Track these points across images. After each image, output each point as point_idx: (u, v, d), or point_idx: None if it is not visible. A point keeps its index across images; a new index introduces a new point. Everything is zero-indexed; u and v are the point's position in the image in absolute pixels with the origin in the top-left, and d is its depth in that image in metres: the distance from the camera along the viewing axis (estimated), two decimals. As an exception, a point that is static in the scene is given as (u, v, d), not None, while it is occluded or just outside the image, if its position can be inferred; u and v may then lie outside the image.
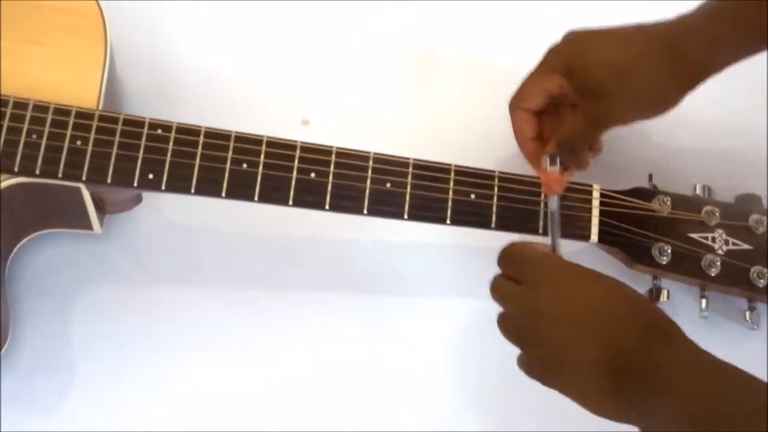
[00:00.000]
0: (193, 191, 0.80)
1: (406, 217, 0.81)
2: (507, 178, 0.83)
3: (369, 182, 0.81)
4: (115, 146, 0.80)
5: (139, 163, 0.80)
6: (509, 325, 0.72)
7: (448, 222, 0.82)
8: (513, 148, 0.88)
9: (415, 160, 0.82)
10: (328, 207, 0.81)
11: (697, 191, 0.85)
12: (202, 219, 0.90)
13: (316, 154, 0.81)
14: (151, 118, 0.81)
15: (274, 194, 0.81)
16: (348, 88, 0.96)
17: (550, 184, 0.80)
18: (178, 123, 0.81)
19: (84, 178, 0.80)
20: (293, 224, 0.90)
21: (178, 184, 0.80)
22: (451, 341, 0.88)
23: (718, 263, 0.82)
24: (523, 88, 0.87)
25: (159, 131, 0.81)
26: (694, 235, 0.83)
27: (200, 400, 0.86)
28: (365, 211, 0.81)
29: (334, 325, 0.88)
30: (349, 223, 0.87)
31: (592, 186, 0.83)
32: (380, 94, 0.96)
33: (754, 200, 0.85)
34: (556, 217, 0.80)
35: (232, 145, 0.81)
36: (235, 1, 0.98)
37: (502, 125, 0.89)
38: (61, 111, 0.80)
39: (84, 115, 0.80)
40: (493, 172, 0.83)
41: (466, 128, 0.94)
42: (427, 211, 0.82)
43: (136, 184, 0.80)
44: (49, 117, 0.80)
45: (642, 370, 0.64)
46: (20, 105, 0.80)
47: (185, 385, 0.86)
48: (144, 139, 0.80)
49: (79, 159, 0.80)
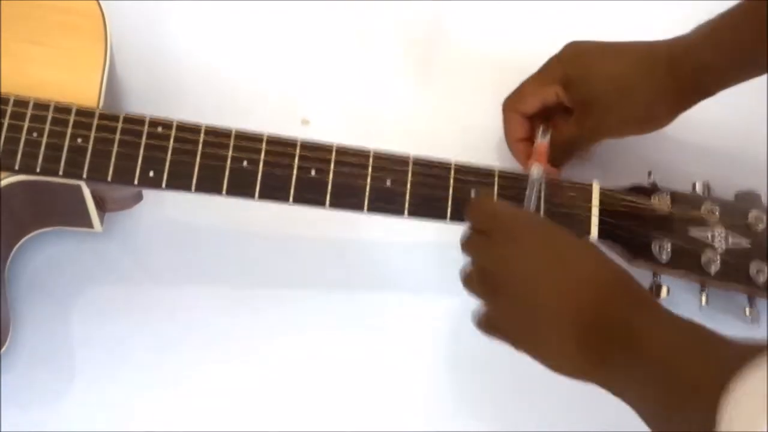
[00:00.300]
0: (193, 189, 0.80)
1: (407, 214, 0.82)
2: (507, 176, 0.83)
3: (369, 179, 0.81)
4: (116, 144, 0.80)
5: (140, 161, 0.80)
6: (478, 279, 0.71)
7: (448, 219, 0.82)
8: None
9: (415, 157, 0.82)
10: (328, 204, 0.81)
11: (697, 188, 0.86)
12: (202, 217, 0.90)
13: (316, 152, 0.81)
14: (152, 116, 0.81)
15: (275, 192, 0.81)
16: (348, 88, 0.96)
17: (538, 154, 0.82)
18: (179, 121, 0.81)
19: (85, 176, 0.80)
20: (294, 222, 0.90)
21: (179, 182, 0.80)
22: (447, 339, 0.88)
23: (718, 260, 0.82)
24: (520, 92, 0.88)
25: (159, 129, 0.81)
26: (694, 232, 0.83)
27: (201, 398, 0.86)
28: (365, 209, 0.81)
29: (335, 324, 0.88)
30: (349, 222, 0.87)
31: (591, 183, 0.84)
32: (380, 94, 0.96)
33: (754, 197, 0.85)
34: (535, 186, 0.81)
35: (232, 142, 0.81)
36: (234, 1, 0.98)
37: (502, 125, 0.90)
38: (62, 109, 0.80)
39: (84, 114, 0.81)
40: (493, 168, 0.83)
41: (467, 128, 0.94)
42: (427, 208, 0.82)
43: (136, 182, 0.80)
44: (50, 115, 0.80)
45: (612, 328, 0.65)
46: (21, 103, 0.80)
47: (186, 384, 0.86)
48: (144, 137, 0.80)
49: (80, 157, 0.80)
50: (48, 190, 0.81)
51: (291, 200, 0.81)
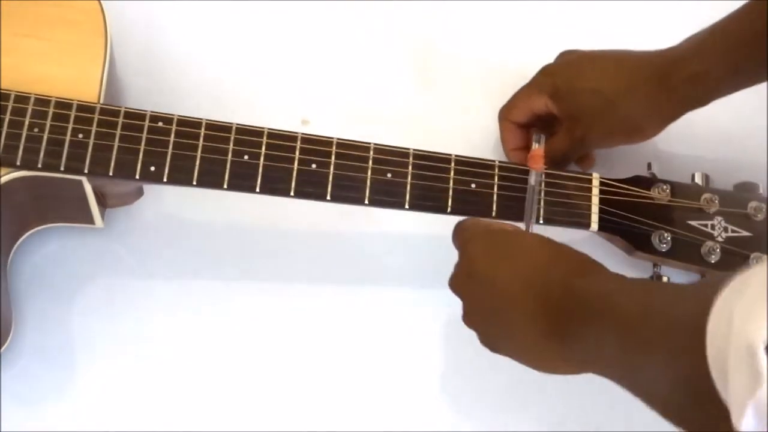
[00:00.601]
0: (194, 183, 0.80)
1: (407, 206, 0.82)
2: (507, 168, 0.83)
3: (370, 173, 0.82)
4: (117, 139, 0.80)
5: (141, 155, 0.80)
6: (456, 278, 0.75)
7: (449, 211, 0.82)
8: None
9: (415, 150, 0.82)
10: (329, 198, 0.81)
11: (696, 179, 0.86)
12: (203, 212, 0.90)
13: (317, 145, 0.82)
14: (153, 111, 0.81)
15: (276, 185, 0.81)
16: (348, 89, 0.96)
17: (534, 160, 0.83)
18: (179, 116, 0.81)
19: (86, 171, 0.80)
20: (295, 218, 0.90)
21: (180, 176, 0.80)
22: (446, 335, 0.88)
23: (718, 250, 0.82)
24: (511, 102, 0.90)
25: (160, 124, 0.81)
26: (694, 223, 0.83)
27: (201, 393, 0.86)
28: (366, 202, 0.81)
29: (336, 320, 0.89)
30: (350, 216, 0.87)
31: (591, 174, 0.84)
32: (380, 95, 0.96)
33: (753, 188, 0.86)
34: (534, 191, 0.81)
35: (233, 137, 0.81)
36: (235, 0, 0.98)
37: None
38: (63, 104, 0.80)
39: (85, 109, 0.81)
40: (493, 161, 0.83)
41: (467, 129, 0.94)
42: (428, 200, 0.82)
43: (138, 177, 0.80)
44: (51, 110, 0.80)
45: (569, 303, 0.66)
46: (22, 99, 0.80)
47: (187, 379, 0.86)
48: (145, 131, 0.80)
49: (81, 152, 0.80)
50: (49, 185, 0.81)
51: (292, 194, 0.81)
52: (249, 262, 0.90)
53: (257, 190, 0.81)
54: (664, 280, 0.84)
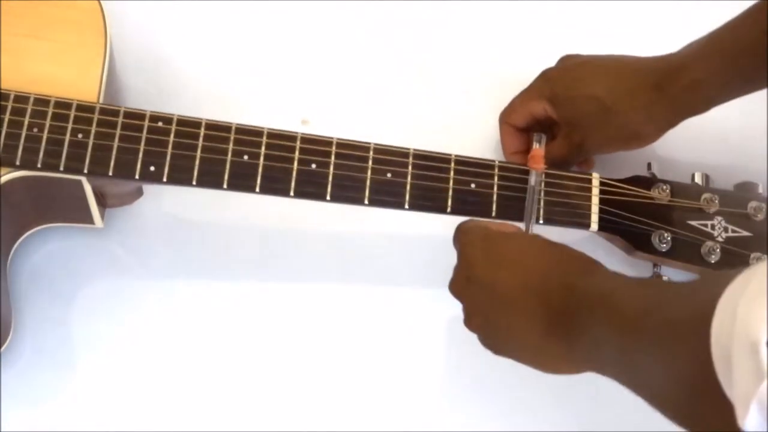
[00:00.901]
0: (194, 183, 0.80)
1: (407, 206, 0.82)
2: (507, 167, 0.83)
3: (370, 173, 0.82)
4: (117, 139, 0.80)
5: (141, 155, 0.80)
6: (455, 282, 0.76)
7: (449, 211, 0.82)
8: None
9: (415, 150, 0.82)
10: (329, 197, 0.81)
11: (696, 179, 0.86)
12: (202, 212, 0.90)
13: (316, 145, 0.82)
14: (152, 111, 0.81)
15: (276, 185, 0.81)
16: (348, 89, 0.96)
17: (534, 161, 0.83)
18: (179, 115, 0.81)
19: (86, 171, 0.80)
20: (294, 218, 0.90)
21: (180, 176, 0.80)
22: (448, 334, 0.88)
23: (718, 250, 0.82)
24: (510, 106, 0.90)
25: (160, 124, 0.81)
26: (694, 223, 0.83)
27: (202, 393, 0.86)
28: (366, 202, 0.81)
29: (336, 319, 0.89)
30: (349, 216, 0.87)
31: (591, 174, 0.84)
32: (380, 95, 0.96)
33: (753, 188, 0.86)
34: (534, 192, 0.82)
35: (233, 137, 0.81)
36: (235, 0, 0.98)
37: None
38: (62, 104, 0.80)
39: (85, 108, 0.81)
40: (493, 161, 0.83)
41: (467, 128, 0.94)
42: (428, 200, 0.82)
43: (137, 176, 0.80)
44: (50, 110, 0.80)
45: (569, 304, 0.67)
46: (21, 99, 0.80)
47: (187, 379, 0.86)
48: (145, 131, 0.81)
49: (81, 152, 0.80)
50: (49, 185, 0.81)
51: (292, 194, 0.81)
52: (249, 261, 0.90)
53: (257, 190, 0.81)
54: (664, 279, 0.84)
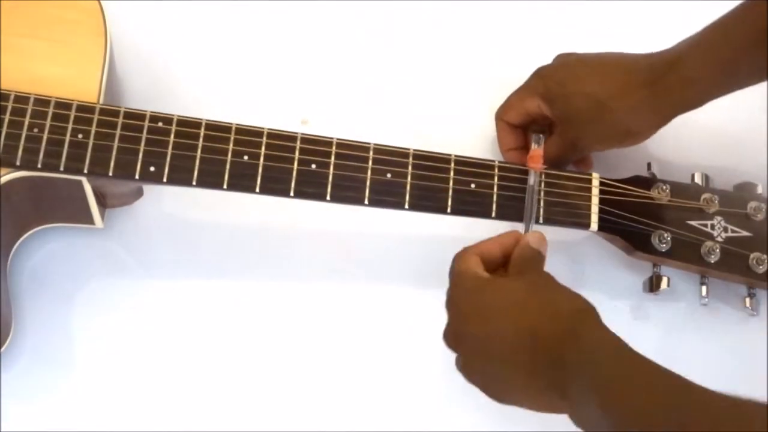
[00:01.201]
0: (194, 183, 0.80)
1: (407, 207, 0.82)
2: (507, 168, 0.83)
3: (370, 173, 0.82)
4: (117, 139, 0.80)
5: (141, 155, 0.80)
6: (447, 335, 0.76)
7: (449, 211, 0.82)
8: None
9: (415, 150, 0.82)
10: (329, 198, 0.81)
11: (696, 180, 0.86)
12: (202, 213, 0.90)
13: (316, 146, 0.82)
14: (152, 111, 0.81)
15: (276, 185, 0.81)
16: (348, 89, 0.96)
17: (533, 161, 0.83)
18: (179, 116, 0.81)
19: (86, 171, 0.80)
20: (294, 217, 0.90)
21: (180, 176, 0.80)
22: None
23: (718, 250, 0.82)
24: (506, 103, 0.90)
25: (160, 124, 0.81)
26: (694, 223, 0.83)
27: (202, 394, 0.86)
28: (366, 202, 0.81)
29: (336, 319, 0.89)
30: (349, 216, 0.87)
31: (591, 174, 0.84)
32: (380, 95, 0.96)
33: (753, 188, 0.86)
34: (533, 192, 0.82)
35: (233, 137, 0.81)
36: (234, 0, 0.98)
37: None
38: (63, 104, 0.80)
39: (85, 109, 0.81)
40: (493, 161, 0.83)
41: (467, 128, 0.94)
42: (428, 200, 0.82)
43: (137, 177, 0.80)
44: (51, 111, 0.80)
45: (558, 349, 0.68)
46: (21, 99, 0.80)
47: (187, 379, 0.86)
48: (145, 131, 0.81)
49: (81, 152, 0.80)
50: (49, 185, 0.81)
51: (291, 194, 0.81)
52: (248, 262, 0.90)
53: (257, 190, 0.81)
54: (664, 280, 0.85)
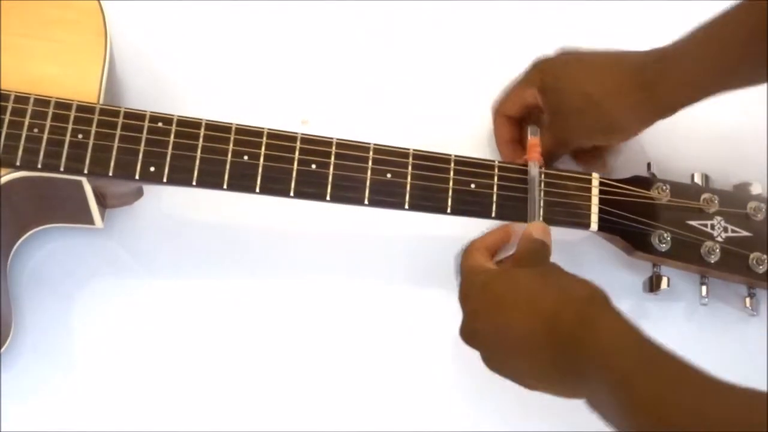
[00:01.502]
0: (194, 183, 0.80)
1: (407, 207, 0.82)
2: (507, 168, 0.83)
3: (369, 173, 0.82)
4: (117, 139, 0.80)
5: (141, 155, 0.80)
6: (464, 333, 0.77)
7: (449, 212, 0.82)
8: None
9: (415, 150, 0.82)
10: (329, 198, 0.81)
11: (696, 180, 0.86)
12: (202, 213, 0.90)
13: (316, 146, 0.82)
14: (152, 112, 0.81)
15: (275, 185, 0.81)
16: (348, 89, 0.96)
17: (531, 151, 0.83)
18: (179, 116, 0.81)
19: (86, 171, 0.80)
20: (294, 217, 0.90)
21: (180, 177, 0.80)
22: (448, 335, 0.88)
23: (718, 250, 0.82)
24: (505, 95, 0.90)
25: (160, 124, 0.81)
26: (694, 223, 0.83)
27: (202, 394, 0.86)
28: (366, 202, 0.81)
29: (335, 319, 0.89)
30: (349, 216, 0.87)
31: (591, 174, 0.84)
32: (380, 95, 0.96)
33: (752, 188, 0.86)
34: (535, 183, 0.82)
35: (233, 137, 0.81)
36: (234, 0, 0.99)
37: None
38: (63, 105, 0.80)
39: (85, 109, 0.81)
40: (493, 161, 0.83)
41: (467, 129, 0.94)
42: (428, 201, 0.82)
43: (137, 177, 0.80)
44: (51, 111, 0.80)
45: (574, 337, 0.68)
46: (21, 99, 0.80)
47: (187, 379, 0.86)
48: (145, 132, 0.81)
49: (81, 152, 0.80)
50: (49, 186, 0.81)
51: (291, 194, 0.81)
52: (249, 262, 0.90)
53: (257, 190, 0.81)
54: (664, 280, 0.85)
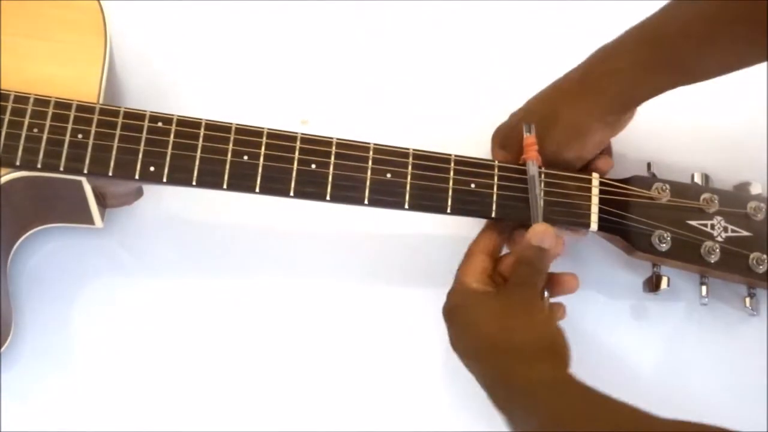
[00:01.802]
0: (194, 183, 0.80)
1: (407, 206, 0.82)
2: (507, 168, 0.83)
3: (369, 173, 0.82)
4: (116, 139, 0.80)
5: (141, 155, 0.80)
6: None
7: (449, 211, 0.82)
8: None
9: (415, 150, 0.82)
10: (329, 198, 0.81)
11: (696, 179, 0.86)
12: (202, 213, 0.90)
13: (316, 145, 0.82)
14: (152, 111, 0.81)
15: (275, 185, 0.81)
16: (348, 89, 0.96)
17: (528, 149, 0.83)
18: (179, 116, 0.81)
19: (86, 171, 0.80)
20: (294, 217, 0.90)
21: (180, 176, 0.80)
22: (444, 333, 0.88)
23: (718, 250, 0.82)
24: (504, 129, 0.89)
25: (160, 124, 0.81)
26: (694, 223, 0.83)
27: (202, 394, 0.86)
28: (366, 202, 0.81)
29: (335, 319, 0.89)
30: (349, 216, 0.87)
31: (591, 174, 0.84)
32: (380, 95, 0.96)
33: (752, 188, 0.86)
34: (535, 182, 0.82)
35: (232, 137, 0.81)
36: (234, 0, 0.99)
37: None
38: (62, 104, 0.80)
39: (85, 109, 0.81)
40: (493, 161, 0.83)
41: (467, 128, 0.94)
42: (428, 200, 0.82)
43: (137, 177, 0.80)
44: (50, 111, 0.80)
45: (514, 387, 0.76)
46: (21, 99, 0.80)
47: (186, 379, 0.86)
48: (145, 131, 0.80)
49: (81, 152, 0.80)
50: (49, 185, 0.81)
51: (291, 194, 0.81)
52: (249, 262, 0.90)
53: (257, 190, 0.81)
54: (664, 280, 0.85)
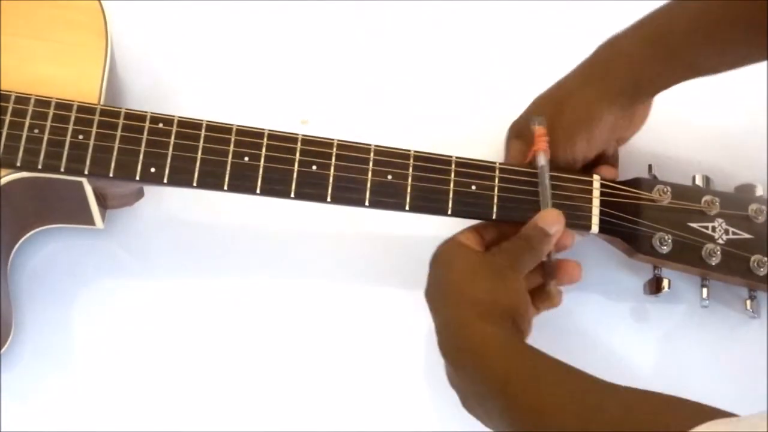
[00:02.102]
0: (194, 184, 0.80)
1: (408, 208, 0.82)
2: (508, 169, 0.83)
3: (370, 174, 0.82)
4: (117, 140, 0.80)
5: (141, 156, 0.80)
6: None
7: (449, 213, 0.82)
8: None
9: (416, 151, 0.82)
10: (329, 199, 0.81)
11: (697, 181, 0.86)
12: (203, 214, 0.90)
13: (317, 147, 0.82)
14: (153, 112, 0.81)
15: (276, 187, 0.81)
16: (348, 89, 0.96)
17: (538, 141, 0.82)
18: (180, 117, 0.81)
19: (86, 172, 0.80)
20: (294, 218, 0.90)
21: (180, 178, 0.80)
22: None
23: (719, 252, 0.82)
24: (521, 120, 0.88)
25: (160, 125, 0.81)
26: (695, 225, 0.83)
27: (201, 394, 0.86)
28: (366, 203, 0.81)
29: (335, 320, 0.89)
30: (350, 217, 0.87)
31: (592, 176, 0.84)
32: (380, 95, 0.96)
33: (754, 190, 0.85)
34: (545, 172, 0.82)
35: (233, 138, 0.81)
36: (234, 0, 0.98)
37: (503, 125, 0.89)
38: (63, 105, 0.80)
39: (86, 110, 0.81)
40: (494, 163, 0.83)
41: (468, 130, 0.94)
42: (429, 202, 0.82)
43: (138, 178, 0.80)
44: (51, 111, 0.80)
45: (468, 339, 0.76)
46: (22, 100, 0.80)
47: (186, 379, 0.86)
48: (146, 132, 0.80)
49: (82, 153, 0.80)
50: (50, 186, 0.81)
51: (292, 195, 0.81)
52: (249, 262, 0.90)
53: (257, 191, 0.81)
54: (665, 282, 0.85)
